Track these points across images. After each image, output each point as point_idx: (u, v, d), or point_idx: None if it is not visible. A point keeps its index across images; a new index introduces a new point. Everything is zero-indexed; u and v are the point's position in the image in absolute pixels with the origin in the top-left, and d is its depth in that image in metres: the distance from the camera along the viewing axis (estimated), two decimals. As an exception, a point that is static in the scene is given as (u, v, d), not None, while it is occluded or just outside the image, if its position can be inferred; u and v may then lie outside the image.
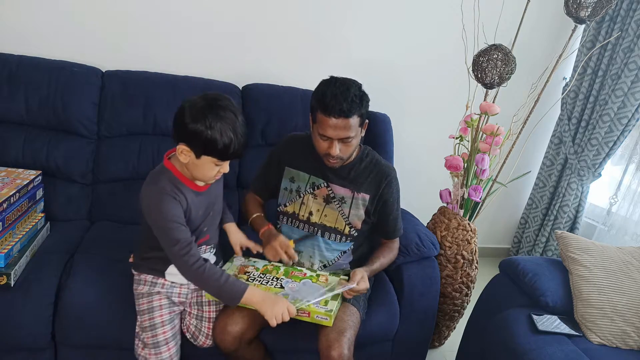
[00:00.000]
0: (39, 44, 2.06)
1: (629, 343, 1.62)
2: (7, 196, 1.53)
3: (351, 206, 1.64)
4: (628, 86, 2.45)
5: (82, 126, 1.98)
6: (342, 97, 1.42)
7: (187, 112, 1.27)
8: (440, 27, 2.49)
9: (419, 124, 2.69)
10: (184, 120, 1.27)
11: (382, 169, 1.66)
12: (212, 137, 1.26)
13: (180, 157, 1.32)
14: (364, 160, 1.66)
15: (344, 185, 1.64)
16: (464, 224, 2.08)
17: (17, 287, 1.50)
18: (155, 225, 1.36)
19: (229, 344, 1.46)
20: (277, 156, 1.71)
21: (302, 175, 1.66)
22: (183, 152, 1.31)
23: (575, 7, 1.88)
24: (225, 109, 1.28)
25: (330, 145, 1.49)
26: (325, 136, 1.48)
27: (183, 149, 1.30)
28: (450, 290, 2.11)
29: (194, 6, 2.19)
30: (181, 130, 1.28)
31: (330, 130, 1.45)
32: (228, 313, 1.49)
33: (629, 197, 2.64)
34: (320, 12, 2.37)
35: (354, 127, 1.47)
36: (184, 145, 1.30)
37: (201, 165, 1.33)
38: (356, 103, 1.44)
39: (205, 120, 1.25)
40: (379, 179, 1.65)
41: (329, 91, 1.44)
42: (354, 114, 1.44)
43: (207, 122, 1.26)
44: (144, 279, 1.50)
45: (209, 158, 1.31)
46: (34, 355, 1.55)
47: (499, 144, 2.04)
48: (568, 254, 1.78)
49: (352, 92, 1.44)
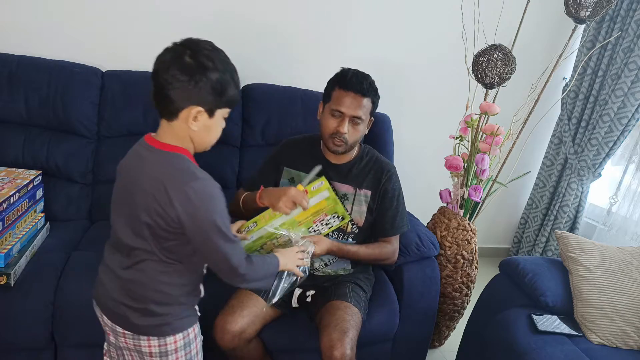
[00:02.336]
0: (39, 44, 2.05)
1: (629, 343, 1.62)
2: (7, 196, 1.53)
3: (354, 202, 1.65)
4: (628, 86, 2.45)
5: (82, 126, 1.98)
6: (361, 77, 1.54)
7: (186, 66, 1.04)
8: (440, 27, 2.49)
9: (419, 124, 2.69)
10: (190, 76, 1.03)
11: (382, 165, 1.69)
12: (225, 79, 1.07)
13: (193, 125, 1.07)
14: (364, 158, 1.69)
15: (346, 182, 1.65)
16: (464, 224, 2.08)
17: (17, 287, 1.50)
18: (206, 237, 1.09)
19: (228, 342, 1.46)
20: (275, 158, 1.72)
21: (302, 175, 1.66)
22: (197, 117, 1.07)
23: (575, 7, 1.88)
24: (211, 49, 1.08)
25: (340, 122, 1.53)
26: (338, 111, 1.53)
27: (196, 112, 1.06)
28: (450, 290, 2.10)
29: (194, 6, 2.19)
30: (187, 92, 1.04)
31: (346, 106, 1.52)
32: (228, 311, 1.49)
33: (629, 197, 2.64)
34: (320, 12, 2.37)
35: (365, 109, 1.55)
36: (195, 107, 1.06)
37: (215, 124, 1.12)
38: (373, 89, 1.56)
39: (214, 63, 1.05)
40: (380, 174, 1.67)
41: (350, 72, 1.56)
42: (369, 96, 1.54)
43: (217, 64, 1.05)
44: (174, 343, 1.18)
45: (222, 111, 1.12)
46: (34, 355, 1.55)
47: (499, 144, 2.04)
48: (568, 254, 1.78)
49: (370, 79, 1.58)
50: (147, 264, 1.13)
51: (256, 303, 1.53)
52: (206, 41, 1.09)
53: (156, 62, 1.08)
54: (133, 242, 1.12)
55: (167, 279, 1.14)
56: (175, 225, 1.07)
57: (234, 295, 1.56)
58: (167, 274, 1.14)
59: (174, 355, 1.18)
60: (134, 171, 1.14)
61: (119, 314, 1.16)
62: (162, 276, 1.14)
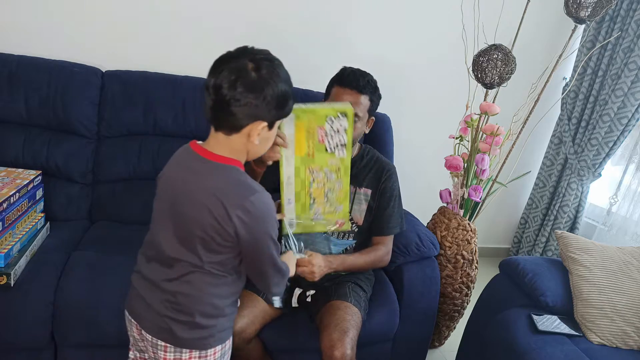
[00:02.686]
0: (39, 44, 2.05)
1: (629, 343, 1.62)
2: (7, 196, 1.53)
3: (353, 201, 1.65)
4: (628, 86, 2.45)
5: (82, 126, 1.98)
6: (359, 74, 1.56)
7: (252, 83, 1.01)
8: (440, 27, 2.49)
9: (418, 124, 2.69)
10: (258, 93, 1.01)
11: (383, 164, 1.70)
12: (287, 92, 1.06)
13: (254, 138, 1.04)
14: (364, 157, 1.69)
15: None
16: (464, 224, 2.08)
17: (17, 287, 1.49)
18: (260, 252, 1.08)
19: None
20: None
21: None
22: (259, 132, 1.04)
23: (575, 7, 1.88)
24: (272, 61, 1.08)
25: None
26: None
27: (262, 127, 1.04)
28: (450, 290, 2.10)
29: (194, 6, 2.19)
30: (254, 108, 1.01)
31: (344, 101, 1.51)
32: None
33: (629, 197, 2.64)
34: (320, 12, 2.37)
35: (363, 107, 1.55)
36: (262, 123, 1.03)
37: (272, 135, 1.10)
38: (370, 85, 1.57)
39: (279, 77, 1.05)
40: (380, 173, 1.67)
41: (348, 69, 1.58)
42: (366, 93, 1.55)
43: (279, 78, 1.05)
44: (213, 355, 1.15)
45: (280, 121, 1.10)
46: (34, 355, 1.55)
47: (499, 144, 2.04)
48: (568, 254, 1.78)
49: (370, 76, 1.59)
50: (195, 276, 1.09)
51: (256, 303, 1.54)
52: (264, 51, 1.09)
53: (216, 75, 1.02)
54: (180, 255, 1.08)
55: (216, 290, 1.11)
56: (231, 239, 1.04)
57: None
58: (215, 286, 1.11)
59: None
60: (184, 183, 1.08)
61: (162, 327, 1.12)
62: (210, 288, 1.10)
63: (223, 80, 1.01)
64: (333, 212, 1.46)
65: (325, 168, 1.38)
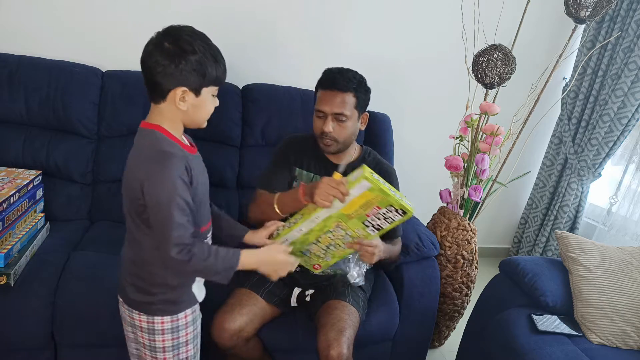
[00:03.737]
0: (39, 44, 2.05)
1: (629, 343, 1.62)
2: (7, 196, 1.53)
3: None
4: (628, 86, 2.45)
5: (82, 126, 1.98)
6: (338, 74, 1.53)
7: (166, 52, 1.10)
8: (440, 27, 2.49)
9: (419, 124, 2.69)
10: (171, 60, 1.10)
11: (385, 168, 1.68)
12: (206, 59, 1.12)
13: (181, 105, 1.13)
14: (366, 159, 1.68)
15: None
16: (464, 224, 2.08)
17: (17, 287, 1.50)
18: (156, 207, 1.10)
19: (226, 340, 1.46)
20: (284, 156, 1.67)
21: (304, 173, 1.66)
22: (183, 97, 1.12)
23: (575, 7, 1.88)
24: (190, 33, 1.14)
25: (325, 122, 1.53)
26: (320, 111, 1.53)
27: (182, 92, 1.12)
28: (450, 290, 2.10)
29: (194, 6, 2.19)
30: (170, 74, 1.10)
31: (325, 104, 1.52)
32: (227, 310, 1.49)
33: (629, 197, 2.65)
34: (320, 12, 2.37)
35: (348, 105, 1.52)
36: (180, 88, 1.12)
37: (203, 103, 1.16)
38: (352, 82, 1.52)
39: (192, 46, 1.11)
40: (382, 176, 1.63)
41: (329, 70, 1.56)
42: (349, 90, 1.51)
43: (195, 47, 1.11)
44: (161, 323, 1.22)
45: (209, 89, 1.16)
46: (34, 355, 1.55)
47: (499, 144, 2.04)
48: (568, 254, 1.78)
49: (351, 73, 1.55)
50: (132, 239, 1.20)
51: (255, 302, 1.54)
52: (186, 27, 1.16)
53: (142, 52, 1.17)
54: (126, 218, 1.20)
55: (150, 256, 1.18)
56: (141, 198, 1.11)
57: (232, 294, 1.57)
58: (150, 250, 1.17)
59: (160, 336, 1.23)
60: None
61: (121, 286, 1.26)
62: (145, 253, 1.18)
63: (145, 55, 1.16)
64: (320, 257, 1.47)
65: (349, 231, 1.38)
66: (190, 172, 1.14)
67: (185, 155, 1.16)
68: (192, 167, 1.15)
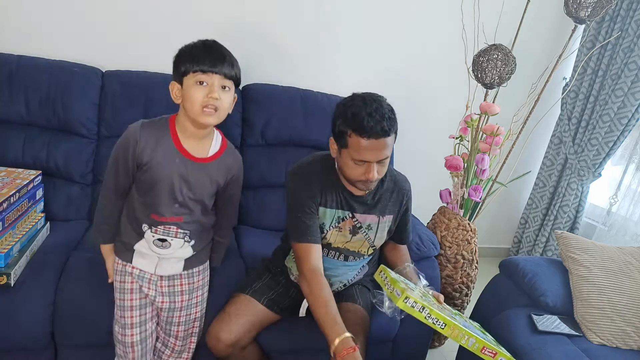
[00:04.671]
0: (39, 44, 2.05)
1: (629, 343, 1.62)
2: (7, 196, 1.53)
3: (377, 230, 1.55)
4: (628, 86, 2.45)
5: (82, 126, 1.98)
6: (379, 116, 1.30)
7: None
8: (440, 27, 2.49)
9: (418, 124, 2.69)
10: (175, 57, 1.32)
11: (401, 184, 1.58)
12: (184, 50, 1.29)
13: (174, 99, 1.32)
14: (384, 180, 1.54)
15: (370, 212, 1.52)
16: (464, 224, 2.08)
17: (17, 287, 1.49)
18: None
19: (221, 350, 1.44)
20: (308, 196, 1.46)
21: (328, 212, 1.49)
22: (173, 92, 1.31)
23: (575, 7, 1.88)
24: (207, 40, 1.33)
25: (368, 169, 1.35)
26: (363, 161, 1.34)
27: (171, 85, 1.31)
28: (450, 290, 2.11)
29: (194, 7, 2.19)
30: (174, 68, 1.32)
31: (370, 154, 1.32)
32: (223, 319, 1.47)
33: (629, 197, 2.65)
34: (319, 12, 2.37)
35: (390, 145, 1.36)
36: (171, 82, 1.32)
37: (186, 92, 1.28)
38: (393, 119, 1.34)
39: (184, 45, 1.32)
40: (401, 196, 1.57)
41: (363, 111, 1.30)
42: (393, 131, 1.34)
43: (186, 45, 1.32)
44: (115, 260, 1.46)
45: (188, 78, 1.27)
46: (34, 355, 1.55)
47: (499, 144, 2.04)
48: (568, 254, 1.78)
49: (385, 107, 1.33)
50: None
51: (254, 311, 1.50)
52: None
53: None
54: None
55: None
56: None
57: (232, 300, 1.54)
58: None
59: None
60: None
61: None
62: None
63: None
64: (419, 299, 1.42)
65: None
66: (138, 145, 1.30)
67: (160, 137, 1.33)
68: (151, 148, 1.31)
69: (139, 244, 1.40)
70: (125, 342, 1.42)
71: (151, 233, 1.38)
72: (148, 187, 1.34)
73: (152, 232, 1.38)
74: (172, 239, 1.39)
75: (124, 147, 1.32)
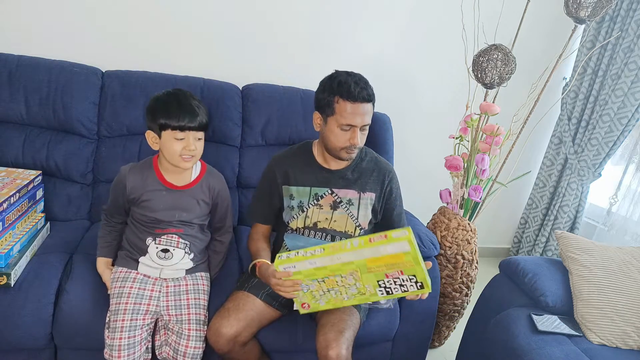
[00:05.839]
0: (39, 44, 2.06)
1: (629, 343, 1.62)
2: (7, 196, 1.53)
3: (359, 207, 1.62)
4: (628, 86, 2.45)
5: (82, 126, 1.98)
6: (363, 83, 1.47)
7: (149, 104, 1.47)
8: (440, 27, 2.49)
9: (419, 124, 2.69)
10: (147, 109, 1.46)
11: (383, 165, 1.67)
12: (158, 105, 1.43)
13: (152, 145, 1.47)
14: (364, 159, 1.66)
15: (349, 187, 1.61)
16: (464, 224, 2.08)
17: (17, 287, 1.49)
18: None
19: (222, 345, 1.45)
20: (268, 179, 1.65)
21: (301, 190, 1.61)
22: (150, 139, 1.47)
23: (575, 7, 1.88)
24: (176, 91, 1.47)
25: (352, 134, 1.49)
26: (349, 125, 1.47)
27: (146, 134, 1.47)
28: (450, 290, 2.11)
29: (194, 7, 2.19)
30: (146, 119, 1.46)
31: (357, 117, 1.46)
32: (223, 315, 1.48)
33: (629, 197, 2.65)
34: (319, 12, 2.37)
35: (371, 113, 1.51)
36: (147, 131, 1.46)
37: (164, 144, 1.45)
38: (372, 89, 1.50)
39: (156, 98, 1.45)
40: (382, 176, 1.65)
41: (349, 79, 1.47)
42: (372, 100, 1.50)
43: (156, 97, 1.45)
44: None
45: (167, 133, 1.43)
46: (34, 356, 1.55)
47: (499, 144, 2.04)
48: (568, 254, 1.78)
49: (365, 79, 1.51)
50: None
51: (253, 306, 1.51)
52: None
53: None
54: None
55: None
56: None
57: (231, 297, 1.55)
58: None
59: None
60: None
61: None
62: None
63: None
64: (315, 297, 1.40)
65: (358, 284, 1.33)
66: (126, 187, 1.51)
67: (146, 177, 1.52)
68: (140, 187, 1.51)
69: (143, 258, 1.55)
70: (112, 345, 1.42)
71: (155, 245, 1.54)
72: (147, 216, 1.53)
73: (155, 244, 1.54)
74: (174, 249, 1.54)
75: (116, 187, 1.54)
